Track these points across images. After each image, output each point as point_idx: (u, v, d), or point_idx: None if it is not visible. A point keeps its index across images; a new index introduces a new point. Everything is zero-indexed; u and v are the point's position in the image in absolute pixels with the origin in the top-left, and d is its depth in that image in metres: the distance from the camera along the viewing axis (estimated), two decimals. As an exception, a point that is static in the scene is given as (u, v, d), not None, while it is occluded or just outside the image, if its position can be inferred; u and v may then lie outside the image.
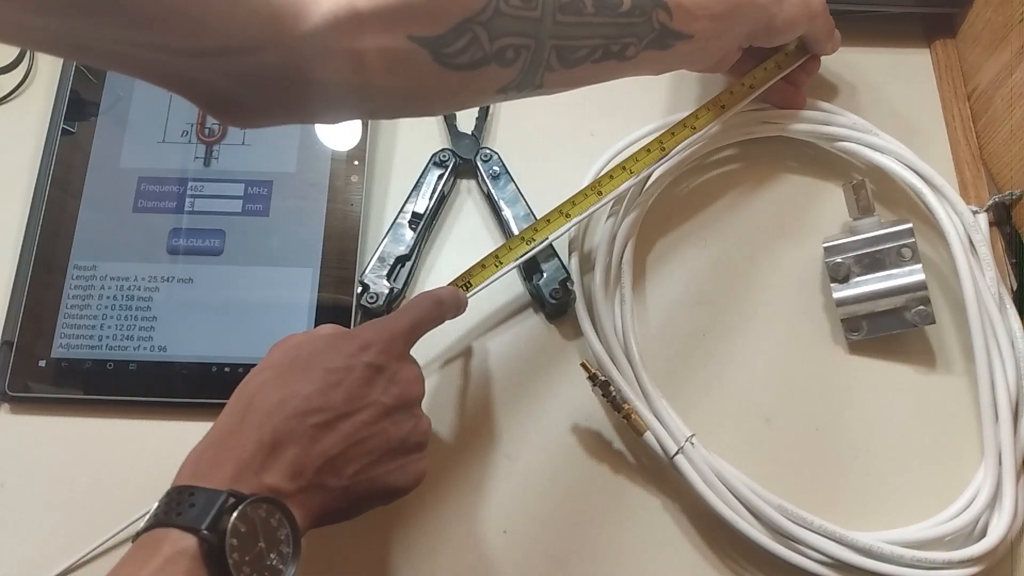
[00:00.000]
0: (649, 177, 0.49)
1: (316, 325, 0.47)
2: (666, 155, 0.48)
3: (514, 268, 0.46)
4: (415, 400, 0.38)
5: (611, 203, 0.48)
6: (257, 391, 0.35)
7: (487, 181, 0.51)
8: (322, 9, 0.30)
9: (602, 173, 0.48)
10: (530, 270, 0.49)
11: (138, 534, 0.31)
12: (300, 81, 0.31)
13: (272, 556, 0.32)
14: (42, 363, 0.47)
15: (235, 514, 0.30)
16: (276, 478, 0.33)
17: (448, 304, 0.42)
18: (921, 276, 0.46)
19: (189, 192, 0.50)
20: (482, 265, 0.46)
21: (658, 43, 0.40)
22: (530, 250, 0.46)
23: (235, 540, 0.30)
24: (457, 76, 0.33)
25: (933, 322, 0.46)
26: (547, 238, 0.46)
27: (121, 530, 0.43)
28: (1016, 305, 0.47)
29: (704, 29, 0.41)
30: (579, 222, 0.47)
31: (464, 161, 0.52)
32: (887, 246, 0.47)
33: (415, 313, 0.40)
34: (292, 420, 0.34)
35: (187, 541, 0.30)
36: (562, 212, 0.47)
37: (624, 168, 0.47)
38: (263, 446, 0.33)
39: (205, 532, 0.30)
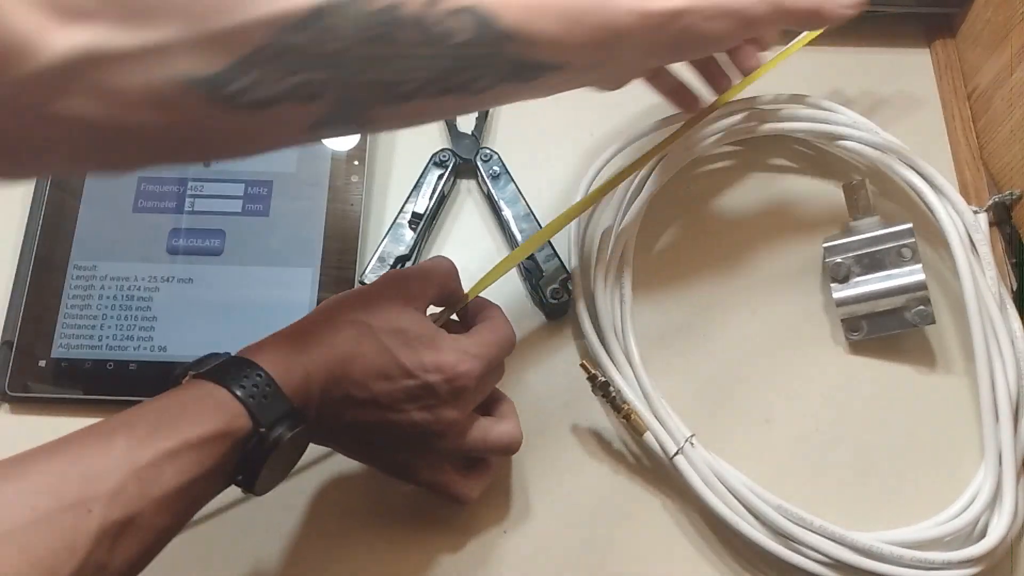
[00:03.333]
0: (649, 176, 0.49)
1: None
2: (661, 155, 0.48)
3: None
4: (443, 438, 0.38)
5: (611, 203, 0.48)
6: (342, 328, 0.37)
7: (487, 181, 0.51)
8: (56, 48, 0.26)
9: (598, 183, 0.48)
10: (530, 270, 0.49)
11: (189, 371, 0.35)
12: (19, 126, 0.27)
13: (280, 471, 0.36)
14: (42, 363, 0.47)
15: (291, 433, 0.33)
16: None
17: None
18: (921, 276, 0.46)
19: (189, 192, 0.50)
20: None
21: (518, 76, 0.34)
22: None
23: (277, 451, 0.33)
24: (247, 116, 0.30)
25: (933, 322, 0.46)
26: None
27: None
28: (1016, 305, 0.47)
29: (579, 59, 0.35)
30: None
31: (464, 161, 0.52)
32: (887, 246, 0.47)
33: (495, 342, 0.40)
34: (353, 372, 0.36)
35: (240, 422, 0.32)
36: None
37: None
38: (328, 374, 0.36)
39: (264, 431, 0.33)
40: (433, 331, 0.38)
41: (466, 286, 0.43)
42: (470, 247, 0.51)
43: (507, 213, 0.50)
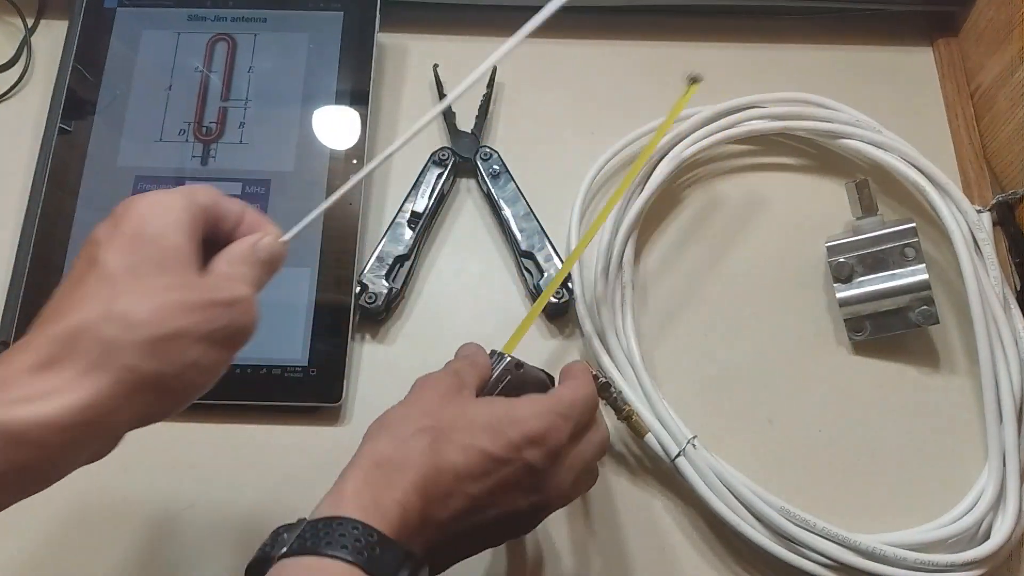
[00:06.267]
0: (650, 176, 0.49)
1: (314, 325, 0.47)
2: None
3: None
4: (553, 505, 0.35)
5: (611, 203, 0.48)
6: (412, 442, 0.32)
7: (487, 180, 0.51)
8: None
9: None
10: (530, 270, 0.48)
11: (272, 555, 0.29)
12: None
13: None
14: (38, 364, 0.46)
15: None
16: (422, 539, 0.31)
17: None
18: (925, 276, 0.46)
19: (187, 191, 0.50)
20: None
21: None
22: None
23: None
24: None
25: (937, 322, 0.46)
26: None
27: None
28: (1020, 305, 0.46)
29: None
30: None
31: (464, 160, 0.52)
32: (890, 245, 0.47)
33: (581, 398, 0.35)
34: (439, 500, 0.31)
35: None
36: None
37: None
38: (415, 511, 0.31)
39: None
40: (505, 404, 0.34)
41: (491, 337, 0.41)
42: (470, 246, 0.51)
43: (507, 212, 0.50)
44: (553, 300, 0.47)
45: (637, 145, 0.51)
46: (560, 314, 0.49)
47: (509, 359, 0.38)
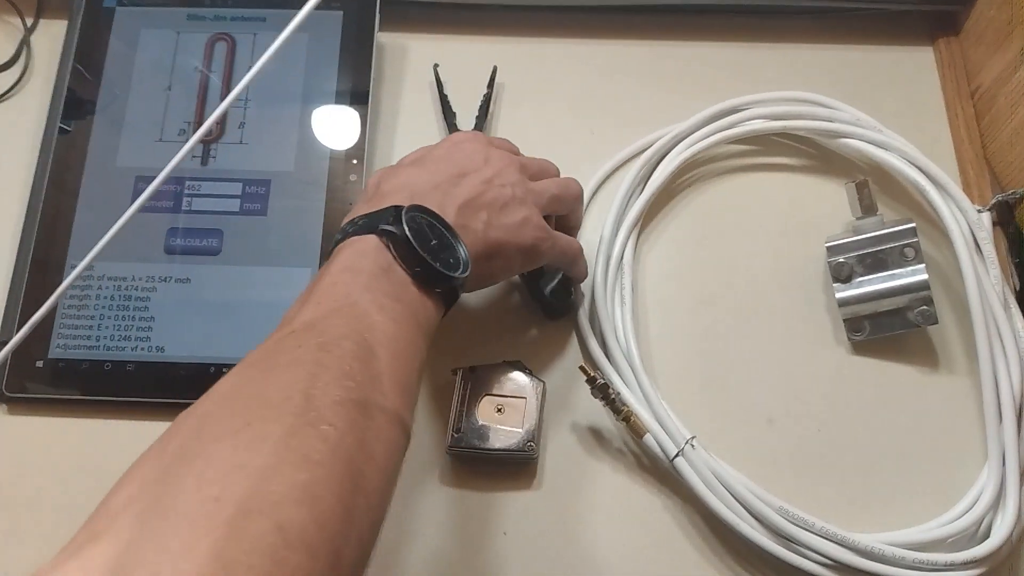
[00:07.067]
0: (650, 176, 0.49)
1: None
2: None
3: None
4: (512, 167, 0.41)
5: (612, 203, 0.48)
6: (381, 178, 0.40)
7: (487, 180, 0.51)
8: None
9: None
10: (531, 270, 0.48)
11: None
12: None
13: (444, 250, 0.36)
14: (39, 363, 0.46)
15: (405, 215, 0.35)
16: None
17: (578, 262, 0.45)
18: (924, 276, 0.46)
19: (187, 191, 0.50)
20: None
21: None
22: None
23: (410, 232, 0.34)
24: None
25: (936, 322, 0.46)
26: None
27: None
28: (1020, 305, 0.46)
29: None
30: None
31: (464, 160, 0.52)
32: (890, 246, 0.47)
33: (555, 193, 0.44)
34: (421, 180, 0.39)
35: (367, 241, 0.34)
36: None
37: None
38: (404, 194, 0.37)
39: (384, 226, 0.34)
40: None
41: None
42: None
43: (507, 212, 0.50)
44: (552, 299, 0.47)
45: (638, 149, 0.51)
46: (560, 314, 0.48)
47: None
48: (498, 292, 0.49)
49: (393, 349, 0.31)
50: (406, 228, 0.34)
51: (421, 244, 0.34)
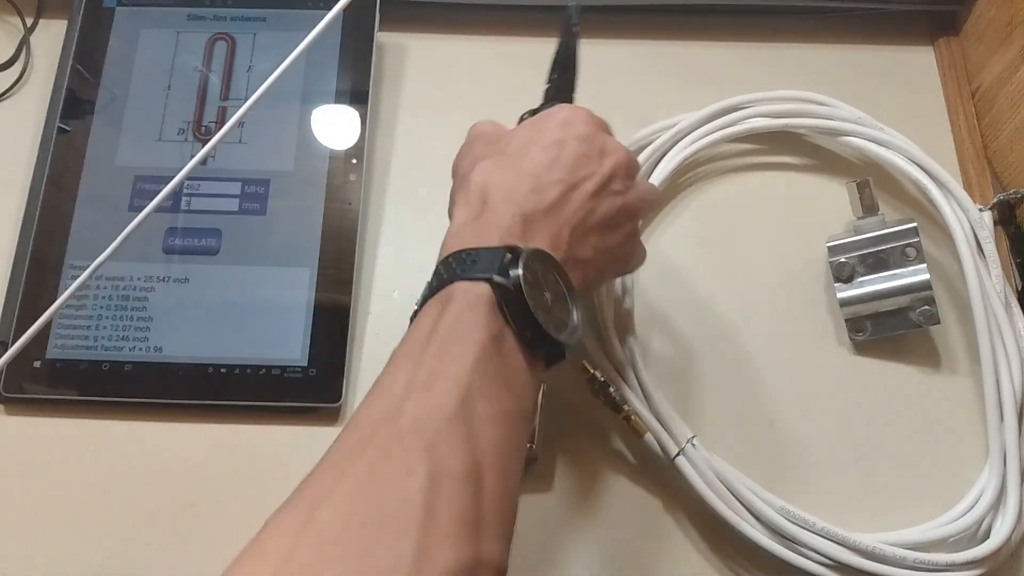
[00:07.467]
0: (650, 175, 0.49)
1: (314, 325, 0.47)
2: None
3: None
4: (629, 165, 0.38)
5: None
6: (487, 179, 0.35)
7: (487, 180, 0.51)
8: None
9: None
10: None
11: (422, 301, 0.32)
12: None
13: (558, 307, 0.32)
14: (37, 364, 0.46)
15: (521, 262, 0.31)
16: (541, 245, 0.33)
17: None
18: (926, 276, 0.46)
19: (186, 191, 0.50)
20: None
21: None
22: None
23: (526, 286, 0.30)
24: None
25: (938, 322, 0.46)
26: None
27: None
28: (1021, 304, 0.46)
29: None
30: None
31: (463, 159, 0.52)
32: (891, 245, 0.46)
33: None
34: (532, 196, 0.34)
35: (479, 289, 0.30)
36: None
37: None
38: (517, 219, 0.33)
39: (497, 278, 0.30)
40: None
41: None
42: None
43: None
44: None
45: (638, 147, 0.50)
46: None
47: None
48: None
49: (500, 467, 0.28)
50: (523, 282, 0.30)
51: (536, 302, 0.31)
